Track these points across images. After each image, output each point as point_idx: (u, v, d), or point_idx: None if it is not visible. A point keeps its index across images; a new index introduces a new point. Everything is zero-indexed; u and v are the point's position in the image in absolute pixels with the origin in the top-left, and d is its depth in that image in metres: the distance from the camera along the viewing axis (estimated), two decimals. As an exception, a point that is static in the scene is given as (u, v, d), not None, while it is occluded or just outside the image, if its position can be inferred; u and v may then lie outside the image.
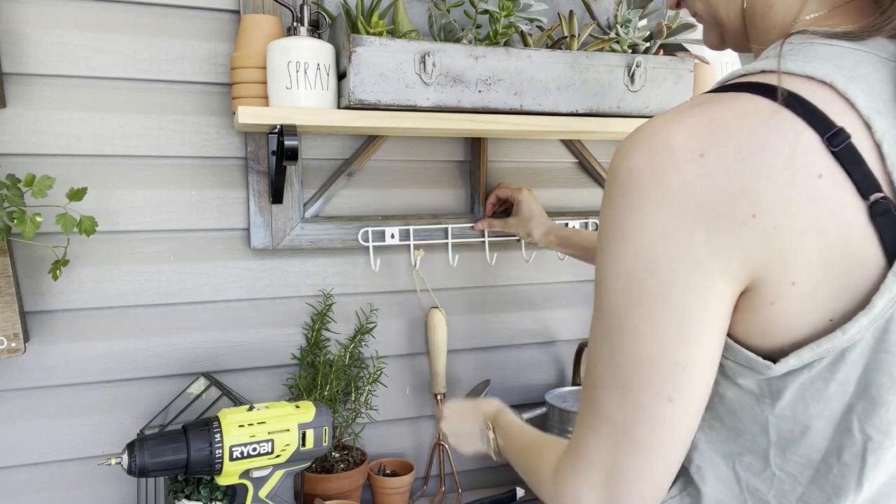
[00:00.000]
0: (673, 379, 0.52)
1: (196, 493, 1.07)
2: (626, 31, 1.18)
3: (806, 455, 0.55)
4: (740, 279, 0.51)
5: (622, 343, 0.53)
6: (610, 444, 0.56)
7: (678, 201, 0.50)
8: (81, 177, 1.14)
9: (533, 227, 1.29)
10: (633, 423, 0.54)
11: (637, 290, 0.52)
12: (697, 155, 0.49)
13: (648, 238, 0.51)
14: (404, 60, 1.04)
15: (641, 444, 0.55)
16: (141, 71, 1.15)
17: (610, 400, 0.55)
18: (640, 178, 0.51)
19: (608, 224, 0.53)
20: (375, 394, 1.31)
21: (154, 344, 1.21)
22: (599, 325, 0.56)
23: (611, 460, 0.56)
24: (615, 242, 0.53)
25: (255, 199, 1.22)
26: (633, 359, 0.53)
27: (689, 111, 0.52)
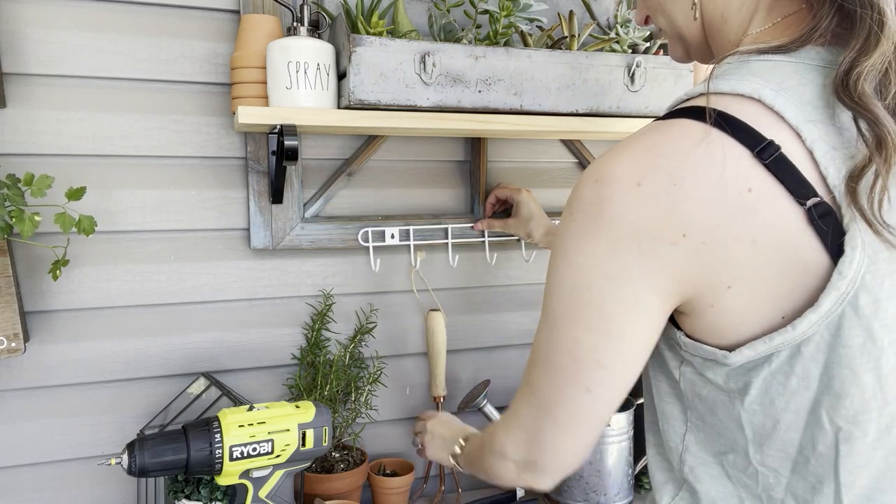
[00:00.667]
0: (593, 374, 0.60)
1: (196, 493, 1.07)
2: (626, 31, 1.18)
3: (782, 449, 0.58)
4: (674, 291, 0.56)
5: (557, 339, 0.61)
6: (535, 413, 0.65)
7: (616, 227, 0.55)
8: (81, 177, 1.13)
9: (533, 227, 1.29)
10: (555, 403, 0.63)
11: (575, 302, 0.59)
12: (635, 184, 0.54)
13: (587, 259, 0.57)
14: (404, 60, 1.04)
15: (560, 422, 0.63)
16: (141, 71, 1.15)
17: (541, 379, 0.64)
18: (585, 205, 0.57)
19: (558, 243, 0.60)
20: (375, 394, 1.31)
21: (154, 344, 1.21)
22: (544, 320, 0.63)
23: (533, 427, 0.65)
24: (561, 260, 0.59)
25: (255, 199, 1.22)
26: (564, 353, 0.61)
27: (634, 142, 0.57)
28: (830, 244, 0.52)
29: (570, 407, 0.62)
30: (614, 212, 0.55)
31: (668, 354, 0.64)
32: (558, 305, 0.60)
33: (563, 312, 0.60)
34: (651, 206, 0.53)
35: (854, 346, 0.53)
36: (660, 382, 0.67)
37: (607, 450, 1.27)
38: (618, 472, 1.28)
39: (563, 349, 0.61)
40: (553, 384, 0.62)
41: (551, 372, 0.62)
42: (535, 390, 0.65)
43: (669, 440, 0.67)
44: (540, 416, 0.64)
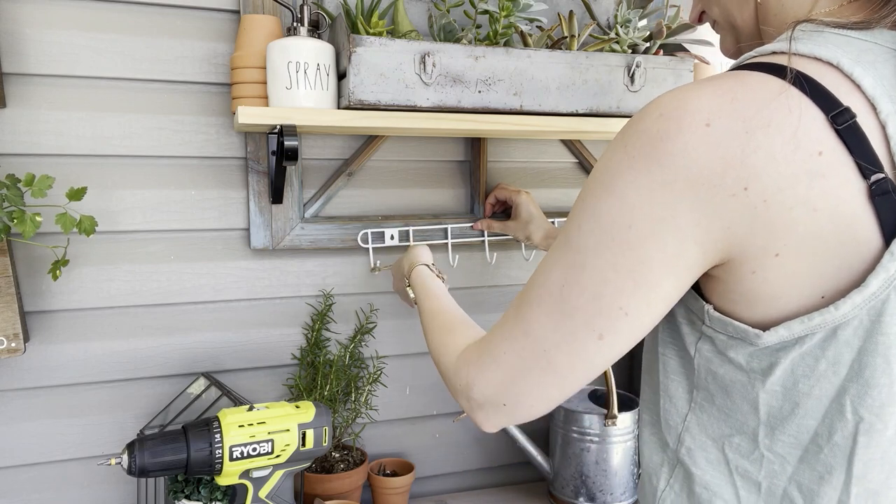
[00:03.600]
0: (613, 321, 0.56)
1: (196, 493, 1.07)
2: (626, 31, 1.18)
3: (794, 435, 0.57)
4: (720, 248, 0.52)
5: (579, 278, 0.56)
6: (525, 355, 0.60)
7: (675, 166, 0.51)
8: (81, 177, 1.14)
9: (532, 230, 1.29)
10: (557, 347, 0.58)
11: (612, 238, 0.54)
12: (703, 124, 0.51)
13: (636, 195, 0.53)
14: (404, 60, 1.04)
15: (555, 366, 0.59)
16: (141, 71, 1.15)
17: (542, 321, 0.59)
18: (644, 138, 0.53)
19: (602, 172, 0.56)
20: (375, 394, 1.31)
21: (154, 344, 1.21)
22: (562, 255, 0.58)
23: (517, 370, 0.61)
24: (603, 190, 0.55)
25: (255, 199, 1.22)
26: (583, 292, 0.56)
27: (704, 84, 0.53)
28: (885, 224, 0.50)
29: (573, 352, 0.58)
30: (677, 149, 0.51)
31: (685, 329, 0.61)
32: (588, 239, 0.55)
33: (592, 247, 0.55)
34: (718, 151, 0.50)
35: (893, 335, 0.51)
36: (668, 358, 0.64)
37: (613, 449, 1.27)
38: (623, 471, 1.28)
39: (584, 288, 0.56)
40: (559, 325, 0.58)
41: (560, 311, 0.57)
42: (530, 330, 0.60)
43: (669, 419, 0.65)
44: (530, 358, 0.60)
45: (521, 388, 0.61)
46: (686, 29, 1.21)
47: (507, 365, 0.61)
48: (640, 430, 0.72)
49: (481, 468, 1.45)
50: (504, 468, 1.46)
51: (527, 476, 1.46)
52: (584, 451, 1.28)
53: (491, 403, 0.63)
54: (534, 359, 0.60)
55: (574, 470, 1.29)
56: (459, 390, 0.66)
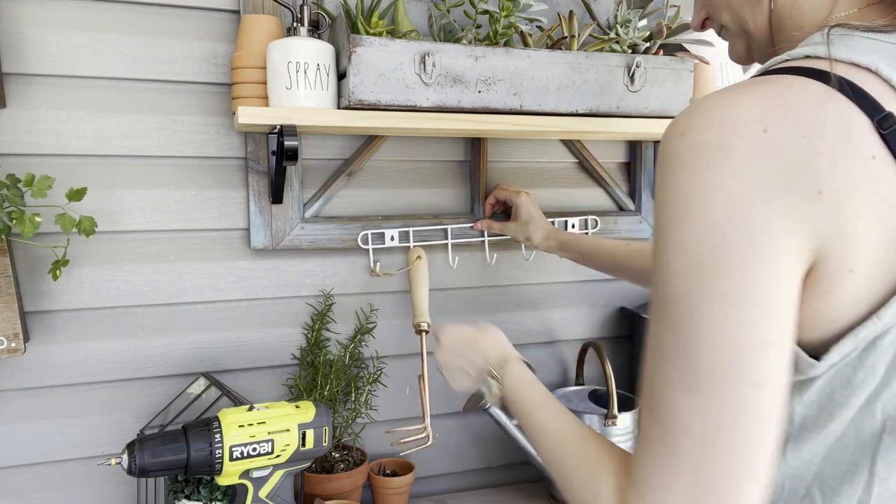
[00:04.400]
0: (761, 360, 0.48)
1: (196, 493, 1.07)
2: (626, 31, 1.18)
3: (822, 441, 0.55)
4: (807, 258, 0.49)
5: (696, 330, 0.49)
6: (693, 460, 0.49)
7: (747, 174, 0.48)
8: (81, 177, 1.14)
9: (532, 231, 1.29)
10: (720, 426, 0.48)
11: (711, 267, 0.48)
12: (760, 130, 0.48)
13: (720, 212, 0.48)
14: (404, 61, 1.04)
15: (732, 450, 0.48)
16: (141, 71, 1.15)
17: (687, 407, 0.49)
18: (704, 152, 0.49)
19: (670, 203, 0.50)
20: (375, 394, 1.31)
21: (154, 344, 1.21)
22: (663, 321, 0.51)
23: (696, 480, 0.49)
24: (680, 222, 0.50)
25: (255, 199, 1.22)
26: (713, 344, 0.48)
27: (744, 89, 0.51)
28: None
29: (744, 422, 0.48)
30: (746, 157, 0.48)
31: None
32: (684, 279, 0.49)
33: (694, 286, 0.48)
34: (783, 156, 0.48)
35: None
36: None
37: (609, 450, 1.27)
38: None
39: (710, 339, 0.48)
40: (708, 401, 0.48)
41: (701, 382, 0.48)
42: (682, 426, 0.49)
43: None
44: (702, 460, 0.49)
45: (713, 498, 0.49)
46: (686, 29, 1.21)
47: (683, 487, 0.50)
48: None
49: (481, 468, 1.45)
50: (504, 468, 1.46)
51: (527, 476, 1.46)
52: (584, 451, 1.27)
53: None
54: (704, 458, 0.49)
55: (574, 470, 1.28)
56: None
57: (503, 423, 1.30)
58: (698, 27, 0.72)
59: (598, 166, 1.45)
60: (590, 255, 1.20)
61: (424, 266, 1.27)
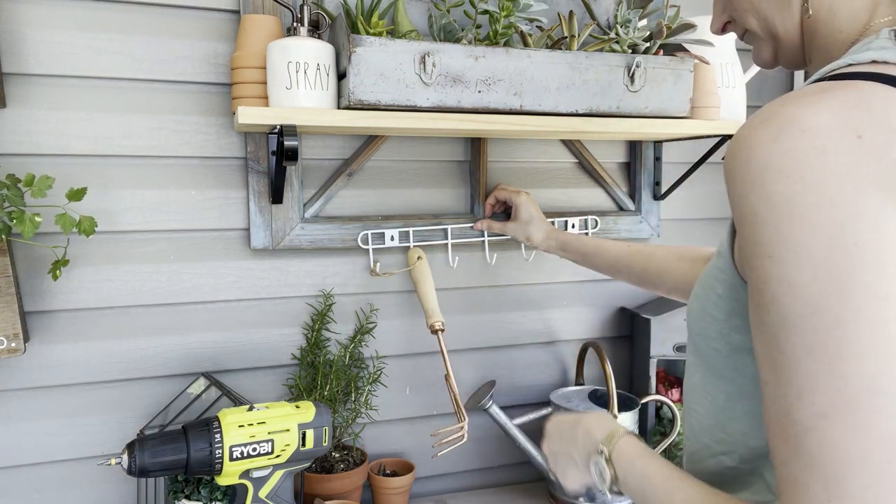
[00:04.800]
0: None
1: (196, 493, 1.07)
2: (626, 31, 1.18)
3: None
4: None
5: (846, 340, 0.44)
6: (867, 496, 0.43)
7: (856, 175, 0.46)
8: (81, 177, 1.14)
9: (532, 231, 1.29)
10: (880, 455, 0.43)
11: (845, 267, 0.44)
12: (855, 136, 0.47)
13: (841, 212, 0.45)
14: (404, 60, 1.04)
15: None
16: (141, 71, 1.15)
17: (848, 435, 0.43)
18: (804, 157, 0.47)
19: (775, 212, 0.47)
20: (375, 394, 1.31)
21: (154, 344, 1.21)
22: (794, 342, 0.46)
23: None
24: (795, 228, 0.46)
25: (255, 199, 1.22)
26: (871, 349, 0.43)
27: (821, 96, 0.50)
28: None
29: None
30: (847, 160, 0.46)
31: None
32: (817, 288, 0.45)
33: (831, 291, 0.44)
34: (883, 161, 0.46)
35: None
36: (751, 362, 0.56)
37: (608, 450, 1.27)
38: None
39: (863, 347, 0.43)
40: (871, 423, 0.43)
41: (859, 398, 0.43)
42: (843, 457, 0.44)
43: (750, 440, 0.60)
44: (876, 492, 0.43)
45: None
46: (686, 29, 1.21)
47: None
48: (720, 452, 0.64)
49: (481, 468, 1.45)
50: (504, 468, 1.46)
51: (527, 476, 1.46)
52: (584, 451, 1.27)
53: None
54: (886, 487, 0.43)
55: (574, 470, 1.29)
56: None
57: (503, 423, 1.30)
58: (719, 31, 0.70)
59: (598, 166, 1.45)
60: (590, 256, 1.20)
61: (426, 266, 1.27)
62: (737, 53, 1.33)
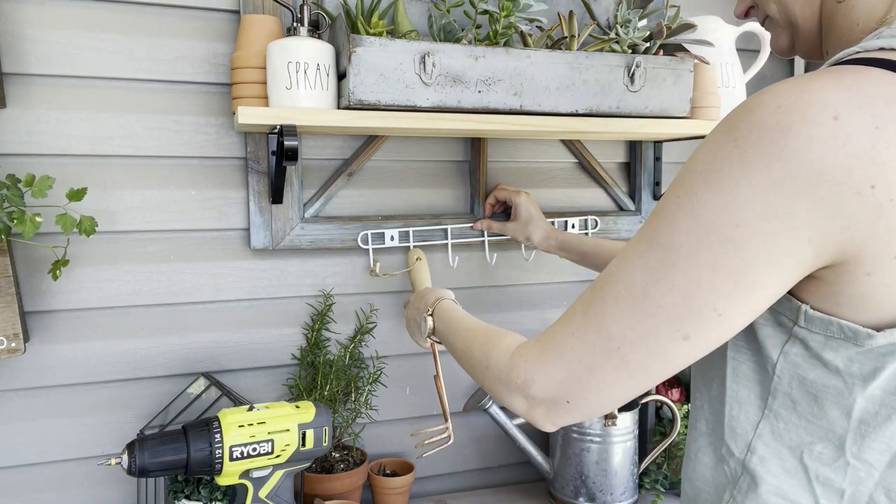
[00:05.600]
0: (704, 322, 0.53)
1: (196, 493, 1.07)
2: (626, 32, 1.18)
3: (886, 441, 0.55)
4: (832, 249, 0.50)
5: (669, 277, 0.53)
6: (594, 352, 0.57)
7: (797, 163, 0.48)
8: (81, 177, 1.14)
9: (532, 231, 1.29)
10: (633, 346, 0.55)
11: (713, 237, 0.51)
12: (831, 117, 0.48)
13: (749, 192, 0.49)
14: (404, 60, 1.04)
15: (629, 366, 0.56)
16: (141, 71, 1.15)
17: (618, 318, 0.55)
18: (760, 132, 0.50)
19: (705, 166, 0.52)
20: (375, 394, 1.31)
21: (154, 344, 1.21)
22: (648, 251, 0.55)
23: (585, 365, 0.58)
24: (707, 185, 0.51)
25: (255, 199, 1.22)
26: (673, 292, 0.53)
27: (818, 76, 0.51)
28: None
29: (652, 352, 0.55)
30: (800, 144, 0.48)
31: (767, 331, 0.58)
32: (683, 236, 0.52)
33: (688, 245, 0.52)
34: (847, 147, 0.47)
35: None
36: (740, 363, 0.62)
37: (613, 449, 1.27)
38: (623, 471, 1.28)
39: (673, 286, 0.53)
40: (639, 323, 0.54)
41: (642, 309, 0.54)
42: (603, 327, 0.56)
43: (737, 426, 0.62)
44: (601, 355, 0.57)
45: (588, 384, 0.58)
46: (686, 29, 1.21)
47: (573, 361, 0.59)
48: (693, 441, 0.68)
49: (481, 468, 1.45)
50: (504, 468, 1.46)
51: (527, 476, 1.46)
52: (584, 451, 1.28)
53: (553, 400, 0.61)
54: (605, 356, 0.57)
55: (574, 470, 1.29)
56: (516, 387, 0.63)
57: (503, 423, 1.30)
58: (742, 15, 0.72)
59: (598, 166, 1.45)
60: (589, 256, 1.20)
61: (425, 267, 1.27)
62: (736, 53, 1.33)
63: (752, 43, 1.49)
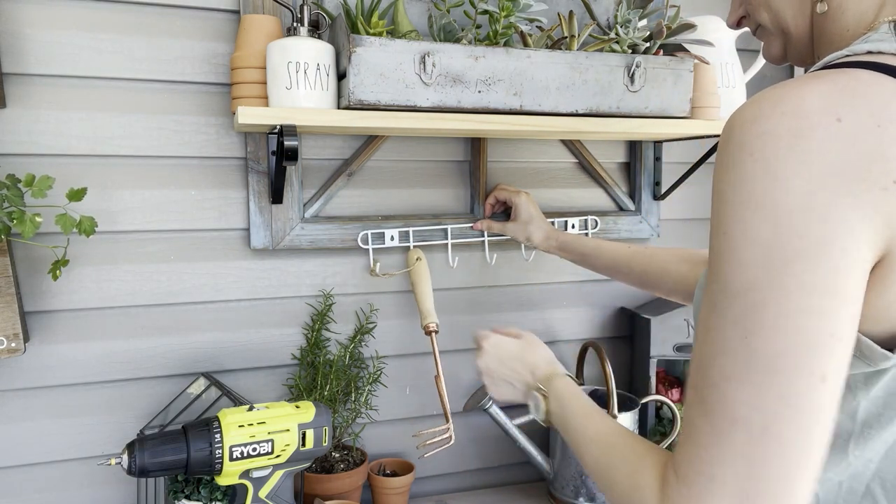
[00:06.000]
0: (829, 353, 0.47)
1: (196, 493, 1.07)
2: (626, 32, 1.18)
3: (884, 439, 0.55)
4: (880, 248, 0.48)
5: (763, 320, 0.47)
6: (744, 452, 0.48)
7: (820, 163, 0.47)
8: (81, 177, 1.14)
9: (532, 231, 1.28)
10: (777, 416, 0.47)
11: (783, 255, 0.47)
12: (834, 119, 0.48)
13: (792, 200, 0.47)
14: (404, 60, 1.04)
15: (786, 443, 0.47)
16: (141, 71, 1.15)
17: (742, 397, 0.48)
18: (775, 141, 0.48)
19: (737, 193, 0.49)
20: (375, 394, 1.31)
21: (154, 344, 1.21)
22: (728, 308, 0.49)
23: (746, 471, 0.48)
24: (748, 211, 0.49)
25: (255, 199, 1.22)
26: (781, 333, 0.47)
27: (812, 80, 0.51)
28: None
29: (803, 412, 0.47)
30: (816, 147, 0.47)
31: None
32: (755, 270, 0.48)
33: (766, 277, 0.47)
34: (856, 145, 0.47)
35: None
36: None
37: (608, 450, 1.27)
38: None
39: (779, 328, 0.47)
40: (767, 391, 0.47)
41: (762, 371, 0.47)
42: (734, 418, 0.48)
43: None
44: (754, 451, 0.48)
45: (764, 492, 0.48)
46: (686, 29, 1.21)
47: (731, 477, 0.48)
48: None
49: (481, 468, 1.45)
50: (504, 468, 1.46)
51: (527, 476, 1.46)
52: (584, 451, 1.27)
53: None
54: (755, 449, 0.48)
55: (574, 470, 1.29)
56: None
57: (503, 423, 1.30)
58: (734, 25, 0.72)
59: (598, 166, 1.45)
60: (590, 257, 1.20)
61: (425, 267, 1.27)
62: (736, 53, 1.33)
63: (752, 43, 1.49)
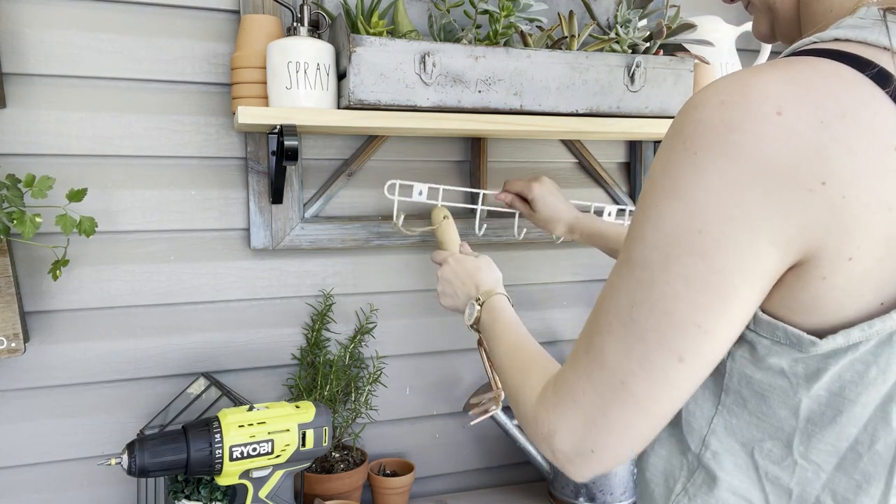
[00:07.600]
0: (691, 340, 0.51)
1: (196, 493, 1.07)
2: (626, 31, 1.18)
3: (832, 443, 0.55)
4: (794, 250, 0.49)
5: (648, 297, 0.52)
6: (602, 391, 0.55)
7: (747, 160, 0.47)
8: (81, 177, 1.14)
9: (554, 226, 1.21)
10: (634, 376, 0.53)
11: (680, 247, 0.50)
12: (774, 112, 0.47)
13: (704, 195, 0.48)
14: (404, 60, 1.04)
15: (636, 397, 0.54)
16: (141, 71, 1.15)
17: (615, 349, 0.54)
18: (706, 131, 0.49)
19: (660, 176, 0.51)
20: (375, 394, 1.31)
21: (154, 344, 1.21)
22: (627, 276, 0.54)
23: (598, 407, 0.56)
24: (664, 196, 0.51)
25: (255, 199, 1.22)
26: (656, 312, 0.51)
27: (768, 69, 0.50)
28: None
29: (655, 380, 0.53)
30: (747, 141, 0.47)
31: None
32: (653, 252, 0.51)
33: (660, 261, 0.51)
34: (792, 142, 0.46)
35: None
36: None
37: (608, 450, 1.27)
38: (623, 471, 1.28)
39: (655, 308, 0.51)
40: (635, 352, 0.53)
41: (634, 337, 0.53)
42: (605, 362, 0.55)
43: (692, 420, 0.61)
44: (610, 393, 0.54)
45: (607, 429, 0.56)
46: (686, 29, 1.21)
47: (587, 404, 0.56)
48: None
49: (481, 468, 1.45)
50: (504, 468, 1.46)
51: (527, 476, 1.46)
52: (584, 451, 1.27)
53: (577, 452, 0.57)
54: (614, 394, 0.54)
55: (574, 470, 1.29)
56: (542, 439, 0.60)
57: (503, 423, 1.31)
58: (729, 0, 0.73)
59: (598, 166, 1.45)
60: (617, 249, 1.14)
61: (453, 226, 1.17)
62: (736, 53, 1.33)
63: (752, 43, 1.49)
